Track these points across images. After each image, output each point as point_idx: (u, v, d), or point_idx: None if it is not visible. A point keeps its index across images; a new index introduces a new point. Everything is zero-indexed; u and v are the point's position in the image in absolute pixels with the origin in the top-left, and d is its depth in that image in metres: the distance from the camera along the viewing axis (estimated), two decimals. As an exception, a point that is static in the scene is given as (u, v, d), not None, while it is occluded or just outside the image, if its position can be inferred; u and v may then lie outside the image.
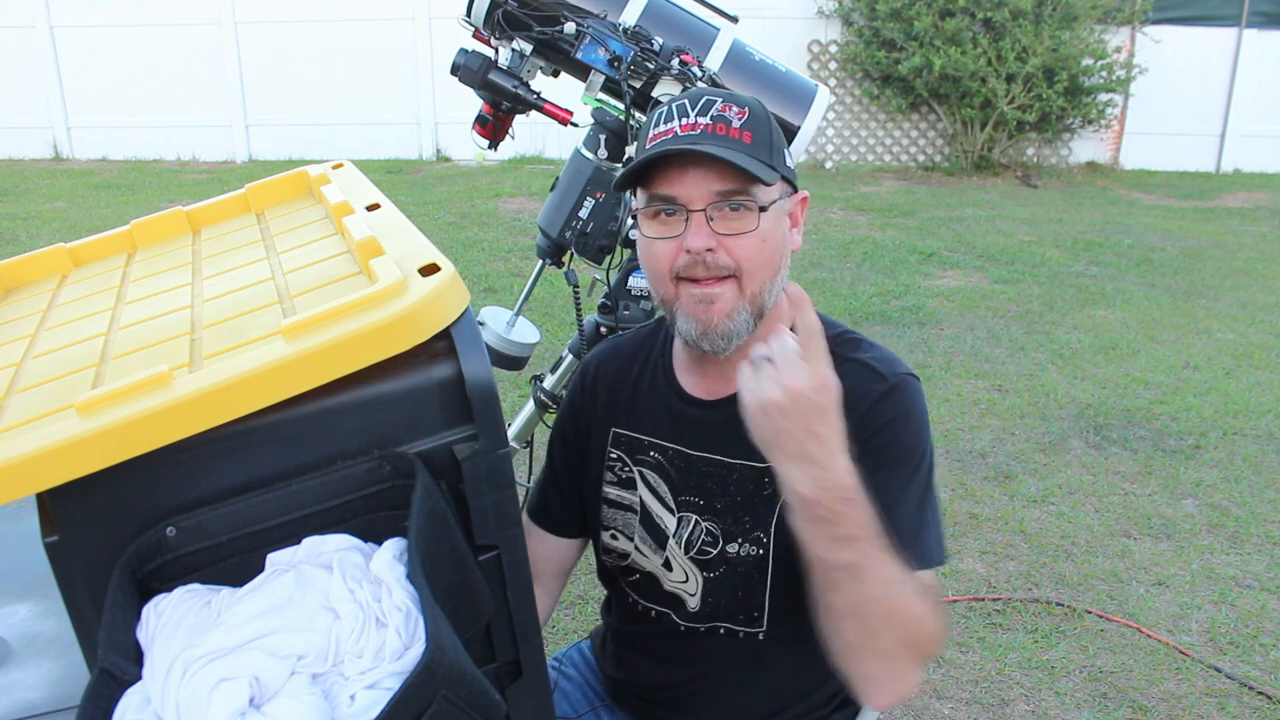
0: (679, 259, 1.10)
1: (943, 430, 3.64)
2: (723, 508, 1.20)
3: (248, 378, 0.73)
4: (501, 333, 2.01)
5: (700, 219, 1.08)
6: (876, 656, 1.00)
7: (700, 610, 1.23)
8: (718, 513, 1.20)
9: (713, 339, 1.11)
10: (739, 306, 1.10)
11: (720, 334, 1.11)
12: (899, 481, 1.12)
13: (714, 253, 1.08)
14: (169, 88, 9.07)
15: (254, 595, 0.77)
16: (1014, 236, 6.54)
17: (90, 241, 1.24)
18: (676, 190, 1.09)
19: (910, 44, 8.22)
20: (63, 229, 6.39)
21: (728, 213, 1.08)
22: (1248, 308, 5.16)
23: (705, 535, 1.21)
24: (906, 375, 1.17)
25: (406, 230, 0.97)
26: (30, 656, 1.14)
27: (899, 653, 0.99)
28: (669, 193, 1.09)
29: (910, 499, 1.12)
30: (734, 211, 1.08)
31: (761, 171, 1.07)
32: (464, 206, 7.02)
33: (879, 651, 0.99)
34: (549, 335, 4.21)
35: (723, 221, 1.09)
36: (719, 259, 1.09)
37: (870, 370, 1.16)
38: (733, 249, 1.09)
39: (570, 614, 2.57)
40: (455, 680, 0.73)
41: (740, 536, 1.19)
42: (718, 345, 1.12)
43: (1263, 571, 2.80)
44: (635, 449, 1.26)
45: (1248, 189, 8.47)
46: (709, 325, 1.11)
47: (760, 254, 1.10)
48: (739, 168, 1.06)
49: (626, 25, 1.81)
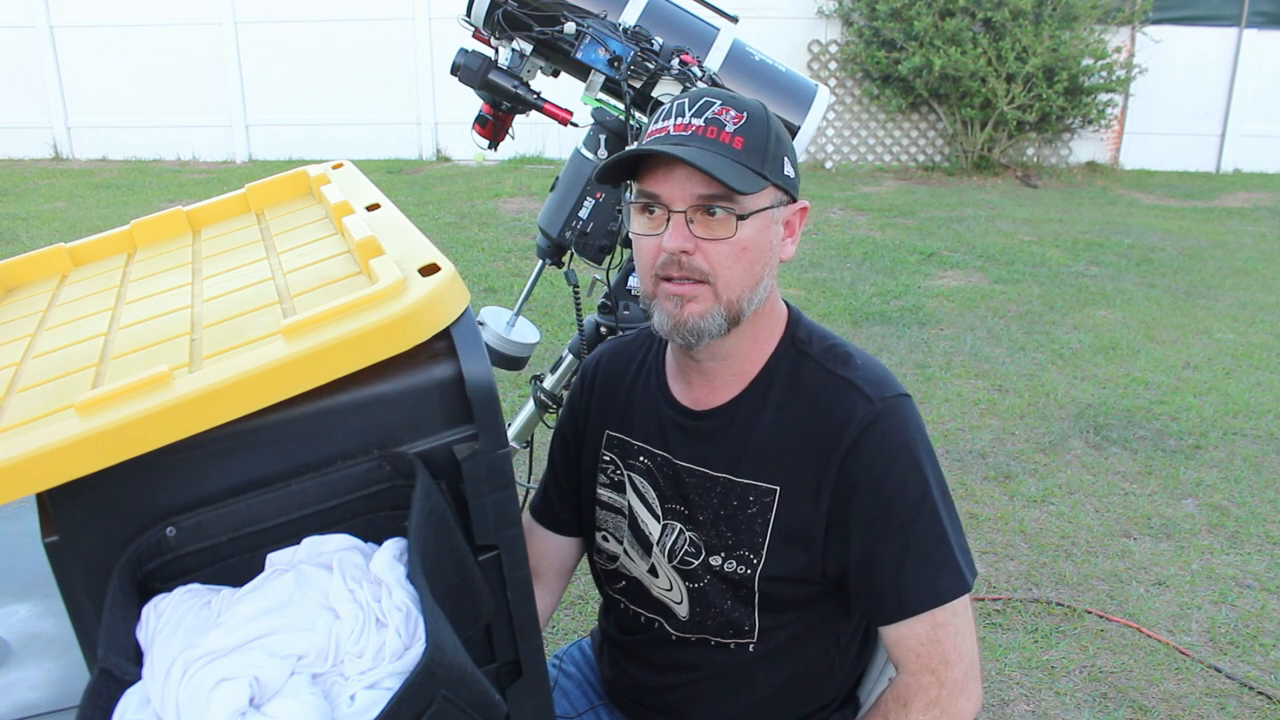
0: (659, 257, 1.10)
1: (943, 430, 3.64)
2: (705, 520, 1.19)
3: (248, 378, 0.73)
4: (501, 333, 2.01)
5: (680, 220, 1.08)
6: None
7: (690, 619, 1.22)
8: (700, 524, 1.19)
9: (683, 333, 1.11)
10: (713, 309, 1.10)
11: (690, 329, 1.10)
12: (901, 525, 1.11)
13: (690, 255, 1.08)
14: (169, 88, 9.07)
15: (254, 595, 0.77)
16: (1014, 236, 6.54)
17: (90, 241, 1.24)
18: (660, 189, 1.09)
19: (910, 44, 8.22)
20: (63, 229, 6.38)
21: (707, 217, 1.08)
22: (1248, 308, 5.16)
23: (689, 545, 1.20)
24: (896, 398, 1.14)
25: (406, 230, 0.97)
26: (30, 656, 1.14)
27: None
28: (654, 190, 1.09)
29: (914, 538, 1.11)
30: (712, 216, 1.08)
31: (739, 181, 1.06)
32: (464, 206, 7.02)
33: None
34: (549, 335, 4.21)
35: (702, 225, 1.08)
36: (694, 262, 1.08)
37: (858, 392, 1.13)
38: (709, 254, 1.08)
39: (570, 614, 2.57)
40: (455, 680, 0.73)
41: (723, 551, 1.18)
42: (688, 339, 1.12)
43: (1263, 571, 2.80)
44: (626, 452, 1.26)
45: (1248, 189, 8.47)
46: (679, 320, 1.10)
47: (737, 261, 1.09)
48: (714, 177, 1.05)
49: (626, 25, 1.81)
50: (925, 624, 1.11)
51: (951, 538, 1.13)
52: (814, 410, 1.14)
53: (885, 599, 1.12)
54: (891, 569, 1.11)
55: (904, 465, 1.12)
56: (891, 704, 1.12)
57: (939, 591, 1.11)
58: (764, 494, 1.15)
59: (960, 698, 1.10)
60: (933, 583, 1.11)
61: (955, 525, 1.14)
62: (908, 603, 1.11)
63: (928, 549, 1.11)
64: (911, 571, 1.11)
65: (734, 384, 1.19)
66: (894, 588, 1.11)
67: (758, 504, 1.16)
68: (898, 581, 1.11)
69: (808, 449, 1.14)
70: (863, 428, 1.11)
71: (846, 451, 1.11)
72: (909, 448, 1.12)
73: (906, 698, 1.11)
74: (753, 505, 1.16)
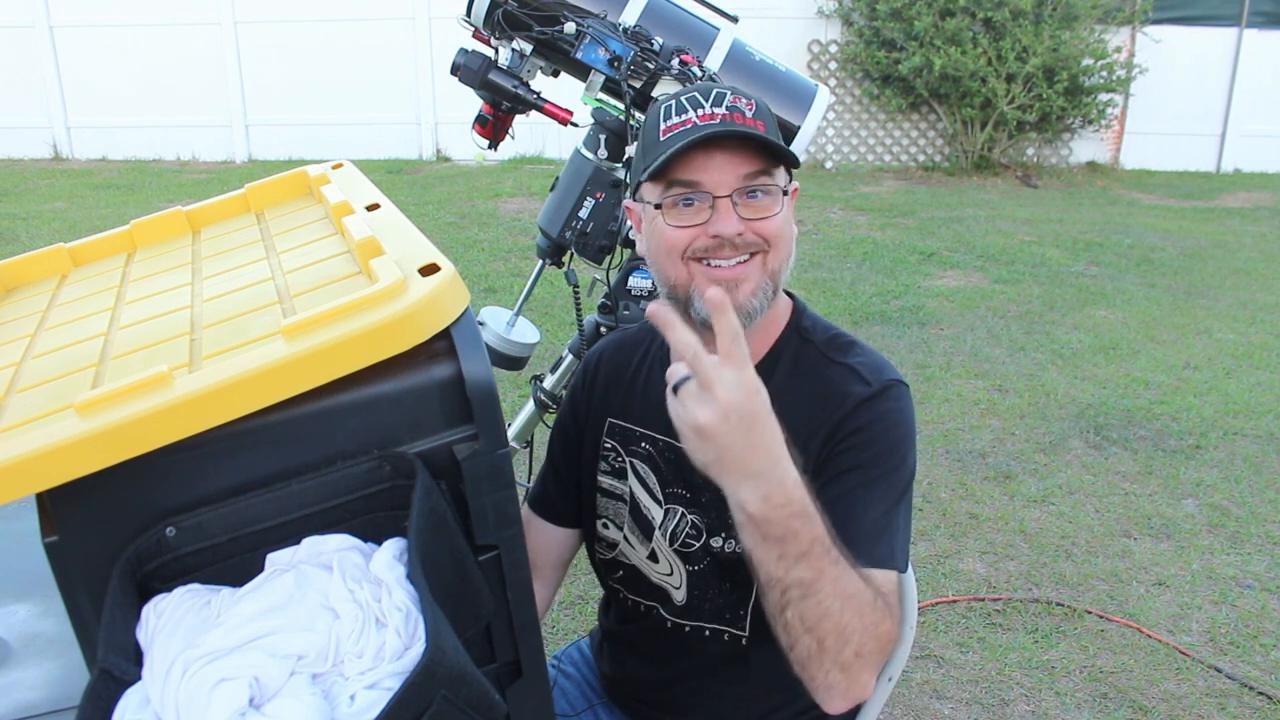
0: (697, 240, 1.10)
1: (943, 430, 3.64)
2: (708, 501, 1.20)
3: (248, 378, 0.73)
4: (501, 333, 2.02)
5: (727, 204, 1.09)
6: (833, 667, 0.98)
7: (687, 603, 1.23)
8: (703, 506, 1.21)
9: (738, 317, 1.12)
10: (762, 284, 1.12)
11: (745, 312, 1.11)
12: (868, 480, 1.11)
13: (742, 234, 1.10)
14: (169, 88, 9.07)
15: (254, 595, 0.77)
16: (1014, 236, 6.54)
17: (90, 241, 1.24)
18: (702, 176, 1.09)
19: (910, 44, 8.22)
20: (62, 229, 6.38)
21: (749, 200, 1.10)
22: (1248, 308, 5.16)
23: (690, 528, 1.22)
24: (893, 382, 1.16)
25: (406, 230, 0.97)
26: (30, 656, 1.14)
27: (854, 662, 0.98)
28: (694, 178, 1.09)
29: (878, 500, 1.10)
30: (754, 198, 1.10)
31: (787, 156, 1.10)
32: (464, 206, 7.02)
33: (835, 663, 0.98)
34: (549, 335, 4.21)
35: (746, 208, 1.10)
36: (747, 238, 1.10)
37: (856, 375, 1.16)
38: (760, 228, 1.10)
39: (570, 614, 2.57)
40: (455, 680, 0.73)
41: (724, 531, 1.19)
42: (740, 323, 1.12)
43: (1263, 571, 2.80)
44: (629, 439, 1.27)
45: (1248, 189, 8.47)
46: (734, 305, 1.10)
47: (783, 232, 1.12)
48: (766, 148, 1.08)
49: (626, 25, 1.81)
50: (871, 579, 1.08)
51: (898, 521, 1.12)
52: (814, 394, 1.16)
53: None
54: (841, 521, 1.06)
55: (885, 441, 1.13)
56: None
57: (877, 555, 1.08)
58: None
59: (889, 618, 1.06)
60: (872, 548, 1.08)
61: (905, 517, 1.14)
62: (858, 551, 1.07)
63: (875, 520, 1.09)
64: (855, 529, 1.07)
65: None
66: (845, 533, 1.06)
67: None
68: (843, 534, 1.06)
69: (805, 427, 1.14)
70: (857, 402, 1.13)
71: (837, 422, 1.13)
72: (897, 424, 1.14)
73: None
74: None
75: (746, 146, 1.09)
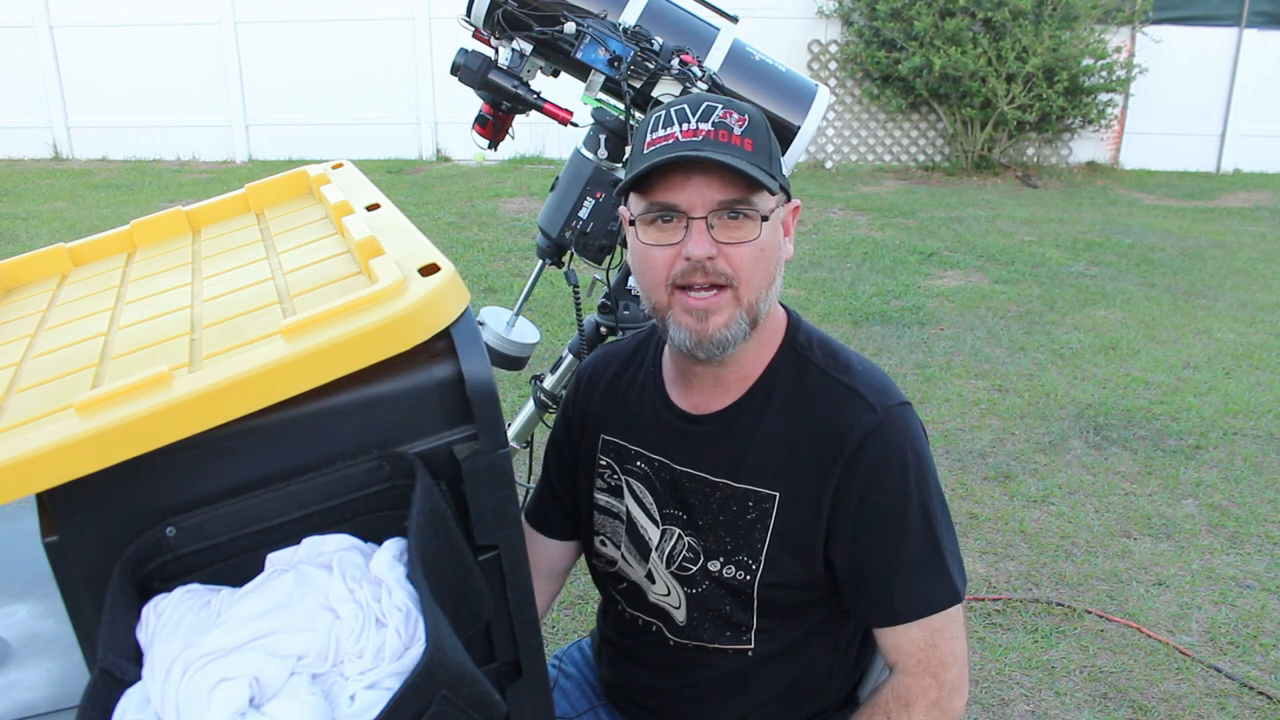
0: (676, 266, 1.08)
1: (943, 430, 3.64)
2: (705, 525, 1.19)
3: (248, 378, 0.73)
4: (501, 333, 2.01)
5: (701, 226, 1.07)
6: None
7: (688, 625, 1.22)
8: (699, 529, 1.19)
9: (707, 347, 1.10)
10: (736, 316, 1.09)
11: (716, 343, 1.10)
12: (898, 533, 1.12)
13: (714, 260, 1.07)
14: (169, 87, 9.07)
15: (254, 595, 0.77)
16: (1014, 236, 6.54)
17: (90, 241, 1.24)
18: (678, 198, 1.07)
19: (910, 44, 8.22)
20: (62, 229, 6.38)
21: (728, 221, 1.07)
22: (1248, 308, 5.15)
23: (687, 551, 1.20)
24: (898, 406, 1.14)
25: (406, 230, 0.97)
26: (30, 656, 1.14)
27: None
28: (670, 200, 1.07)
29: (910, 547, 1.12)
30: (734, 220, 1.07)
31: (766, 179, 1.06)
32: (464, 206, 7.02)
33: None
34: (549, 335, 4.21)
35: (723, 230, 1.07)
36: (718, 266, 1.07)
37: (860, 399, 1.14)
38: (732, 257, 1.07)
39: (570, 614, 2.57)
40: (455, 680, 0.73)
41: (722, 556, 1.18)
42: (712, 353, 1.11)
43: (1263, 571, 2.80)
44: (623, 457, 1.26)
45: (1248, 189, 8.47)
46: (704, 335, 1.09)
47: (757, 263, 1.09)
48: (744, 174, 1.05)
49: (626, 25, 1.81)
50: (924, 630, 1.12)
51: (946, 548, 1.14)
52: (816, 416, 1.14)
53: (878, 606, 1.14)
54: (885, 577, 1.13)
55: (904, 476, 1.12)
56: (893, 704, 1.12)
57: (931, 602, 1.12)
58: (763, 499, 1.15)
59: (956, 697, 1.13)
60: (926, 593, 1.12)
61: (950, 535, 1.15)
62: (901, 611, 1.13)
63: (923, 559, 1.12)
64: (905, 581, 1.12)
65: (736, 388, 1.19)
66: (887, 596, 1.13)
67: (757, 509, 1.16)
68: (890, 590, 1.12)
69: (809, 455, 1.14)
70: (865, 435, 1.11)
71: (848, 460, 1.11)
72: (909, 459, 1.13)
73: (908, 699, 1.12)
74: (752, 511, 1.16)
75: (724, 172, 1.06)
